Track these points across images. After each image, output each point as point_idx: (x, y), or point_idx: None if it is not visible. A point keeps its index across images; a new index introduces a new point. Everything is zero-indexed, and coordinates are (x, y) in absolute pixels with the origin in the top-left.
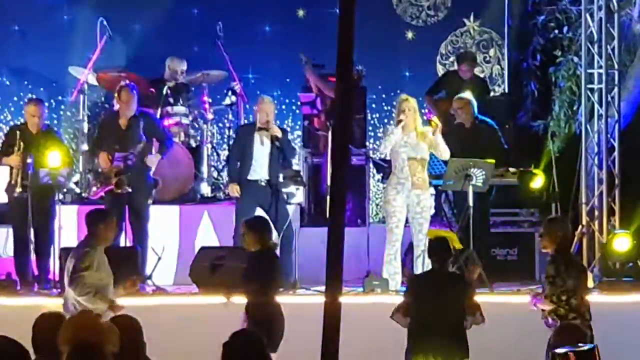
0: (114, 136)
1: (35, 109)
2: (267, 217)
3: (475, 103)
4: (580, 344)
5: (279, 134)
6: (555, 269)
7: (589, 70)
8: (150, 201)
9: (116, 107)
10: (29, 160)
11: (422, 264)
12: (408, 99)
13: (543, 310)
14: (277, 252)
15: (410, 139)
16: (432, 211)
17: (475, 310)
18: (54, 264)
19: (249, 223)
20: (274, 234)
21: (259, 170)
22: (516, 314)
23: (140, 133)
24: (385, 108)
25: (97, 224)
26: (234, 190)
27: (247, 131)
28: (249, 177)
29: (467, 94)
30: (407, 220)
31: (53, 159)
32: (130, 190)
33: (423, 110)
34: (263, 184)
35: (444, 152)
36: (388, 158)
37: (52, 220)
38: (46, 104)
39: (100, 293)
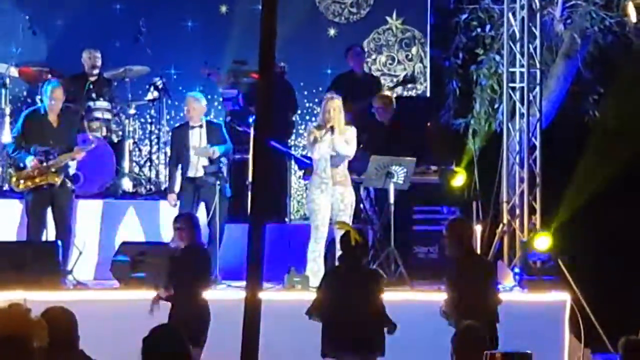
0: (44, 133)
1: None
2: (209, 212)
3: (394, 101)
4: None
5: (212, 156)
6: (457, 270)
7: (511, 69)
8: (73, 196)
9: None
10: None
11: None
12: (333, 98)
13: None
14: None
15: (333, 138)
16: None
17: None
18: None
19: (183, 218)
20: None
21: (198, 166)
22: (436, 312)
23: (71, 129)
24: (307, 105)
25: None
26: (171, 200)
27: (180, 132)
28: (188, 174)
29: (388, 92)
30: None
31: None
32: (65, 180)
33: None
34: (202, 179)
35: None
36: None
37: None
38: None
39: None
